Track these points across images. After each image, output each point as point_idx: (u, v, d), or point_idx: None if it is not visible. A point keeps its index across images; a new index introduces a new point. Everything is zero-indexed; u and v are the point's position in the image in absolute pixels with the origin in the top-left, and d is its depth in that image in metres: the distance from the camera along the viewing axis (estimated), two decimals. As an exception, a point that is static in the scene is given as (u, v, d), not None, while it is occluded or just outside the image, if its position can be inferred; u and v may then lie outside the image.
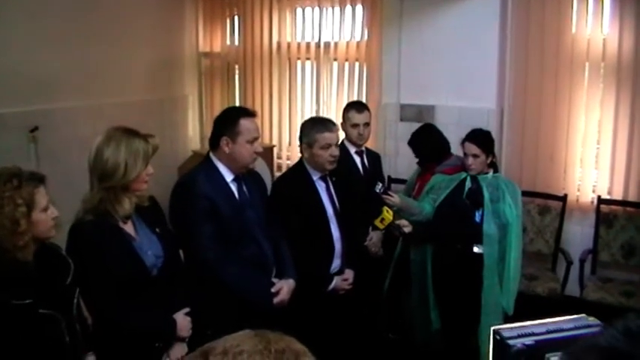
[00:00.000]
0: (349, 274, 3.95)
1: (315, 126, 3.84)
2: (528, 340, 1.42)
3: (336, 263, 3.90)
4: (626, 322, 0.82)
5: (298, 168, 3.96)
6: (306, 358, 1.02)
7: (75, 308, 2.49)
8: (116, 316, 2.70)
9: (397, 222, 3.97)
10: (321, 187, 3.88)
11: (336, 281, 3.86)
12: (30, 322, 2.26)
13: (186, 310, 2.92)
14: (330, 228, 3.85)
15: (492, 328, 1.45)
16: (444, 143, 4.53)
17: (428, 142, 4.54)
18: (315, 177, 3.87)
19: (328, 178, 3.93)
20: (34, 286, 2.30)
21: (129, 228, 2.80)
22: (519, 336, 1.44)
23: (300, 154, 4.01)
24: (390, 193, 4.01)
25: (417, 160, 4.63)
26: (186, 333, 2.89)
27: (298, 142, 4.00)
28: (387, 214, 3.97)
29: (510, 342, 1.43)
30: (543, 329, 1.44)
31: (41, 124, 4.98)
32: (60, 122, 5.21)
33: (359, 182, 4.39)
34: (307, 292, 3.50)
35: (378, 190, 3.96)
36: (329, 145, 3.77)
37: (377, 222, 4.01)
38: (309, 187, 3.84)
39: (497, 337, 1.44)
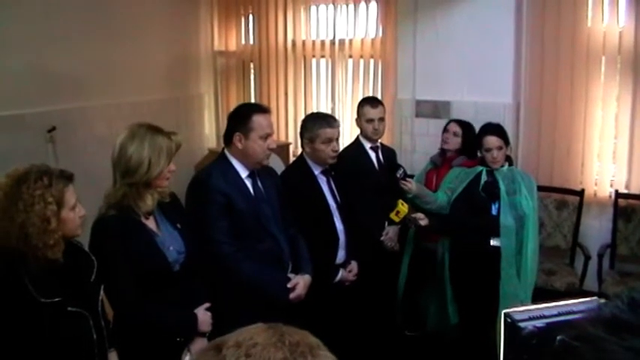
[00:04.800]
0: (353, 265, 3.98)
1: (317, 121, 3.90)
2: (539, 323, 1.42)
3: (341, 254, 3.94)
4: (631, 293, 0.82)
5: (300, 163, 4.01)
6: (320, 350, 1.02)
7: (99, 305, 2.52)
8: (138, 311, 2.73)
9: (413, 215, 3.98)
10: (322, 181, 3.94)
11: (341, 273, 3.89)
12: (59, 320, 2.28)
13: (207, 305, 2.94)
14: (334, 220, 3.90)
15: (503, 311, 1.45)
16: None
17: (475, 134, 4.54)
18: (317, 171, 3.92)
19: (328, 173, 3.98)
20: (62, 284, 2.33)
21: (151, 224, 2.82)
22: (530, 318, 1.44)
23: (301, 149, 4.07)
24: (407, 179, 4.04)
25: (445, 150, 4.64)
26: (207, 328, 2.90)
27: (299, 137, 4.05)
28: (403, 207, 3.98)
29: (521, 324, 1.42)
30: (554, 312, 1.43)
31: (59, 124, 5.02)
32: (77, 122, 5.26)
33: (374, 177, 4.40)
34: (315, 284, 3.51)
35: (399, 175, 4.00)
36: (330, 140, 3.82)
37: (392, 215, 4.02)
38: (311, 181, 3.90)
39: (509, 320, 1.44)
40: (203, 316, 2.90)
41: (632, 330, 0.77)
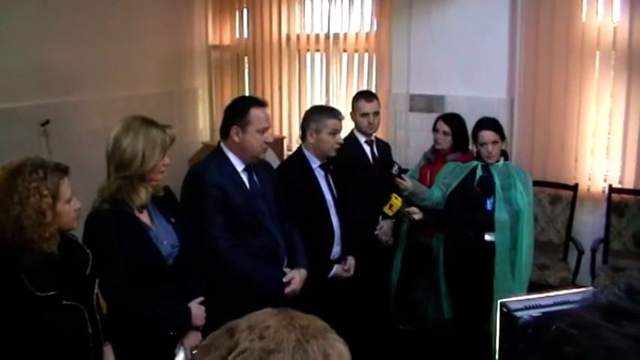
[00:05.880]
0: (351, 261, 3.99)
1: (324, 112, 3.94)
2: (535, 312, 1.43)
3: (336, 250, 3.96)
4: (628, 280, 0.82)
5: (298, 156, 4.01)
6: (328, 333, 1.04)
7: (95, 299, 2.51)
8: (131, 305, 2.72)
9: (407, 209, 3.98)
10: (320, 175, 3.94)
11: (336, 269, 3.90)
12: (54, 313, 2.27)
13: (201, 299, 2.94)
14: (330, 215, 3.91)
15: (499, 301, 1.46)
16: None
17: (464, 127, 4.56)
18: (315, 165, 3.93)
19: (327, 167, 3.98)
20: (58, 278, 2.32)
21: (145, 218, 2.82)
22: (526, 308, 1.44)
23: (299, 143, 4.07)
24: (403, 176, 4.04)
25: (437, 145, 4.63)
26: (201, 322, 2.91)
27: (300, 129, 4.06)
28: (396, 201, 3.98)
29: (517, 314, 1.43)
30: (550, 301, 1.44)
31: (52, 117, 5.01)
32: (71, 116, 5.25)
33: (369, 171, 4.40)
34: (310, 279, 3.52)
35: (394, 172, 4.00)
36: (336, 132, 3.86)
37: (386, 208, 4.02)
38: (309, 175, 3.91)
39: (505, 310, 1.44)
40: (197, 310, 2.90)
41: (629, 317, 0.77)
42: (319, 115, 3.89)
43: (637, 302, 0.78)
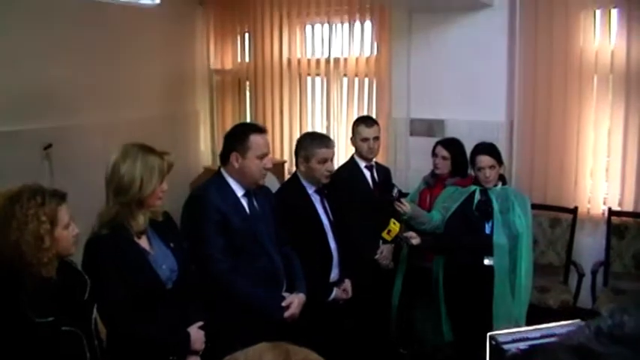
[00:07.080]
0: (347, 283, 3.99)
1: (314, 141, 3.93)
2: (523, 345, 1.44)
3: (334, 273, 3.95)
4: (598, 322, 0.85)
5: (294, 181, 4.03)
6: None
7: (93, 324, 2.52)
8: (131, 329, 2.73)
9: (405, 234, 3.99)
10: (316, 199, 3.95)
11: (336, 292, 3.90)
12: (52, 339, 2.28)
13: (200, 323, 2.94)
14: (328, 239, 3.91)
15: (488, 334, 1.47)
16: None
17: (463, 151, 4.56)
18: (311, 190, 3.94)
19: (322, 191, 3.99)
20: (56, 303, 2.33)
21: (143, 243, 2.84)
22: (514, 341, 1.46)
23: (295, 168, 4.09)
24: (402, 200, 4.05)
25: (436, 170, 4.63)
26: (200, 346, 2.91)
27: (294, 155, 4.07)
28: (394, 226, 3.99)
29: (505, 347, 1.45)
30: (537, 334, 1.46)
31: (55, 141, 5.02)
32: (73, 139, 5.26)
33: (369, 196, 4.42)
34: (309, 302, 3.52)
35: (394, 195, 4.01)
36: (325, 160, 3.86)
37: (384, 234, 4.04)
38: (305, 200, 3.91)
39: (493, 343, 1.46)
40: (196, 334, 2.90)
41: (595, 358, 0.80)
42: (309, 144, 3.90)
43: (604, 345, 0.81)
